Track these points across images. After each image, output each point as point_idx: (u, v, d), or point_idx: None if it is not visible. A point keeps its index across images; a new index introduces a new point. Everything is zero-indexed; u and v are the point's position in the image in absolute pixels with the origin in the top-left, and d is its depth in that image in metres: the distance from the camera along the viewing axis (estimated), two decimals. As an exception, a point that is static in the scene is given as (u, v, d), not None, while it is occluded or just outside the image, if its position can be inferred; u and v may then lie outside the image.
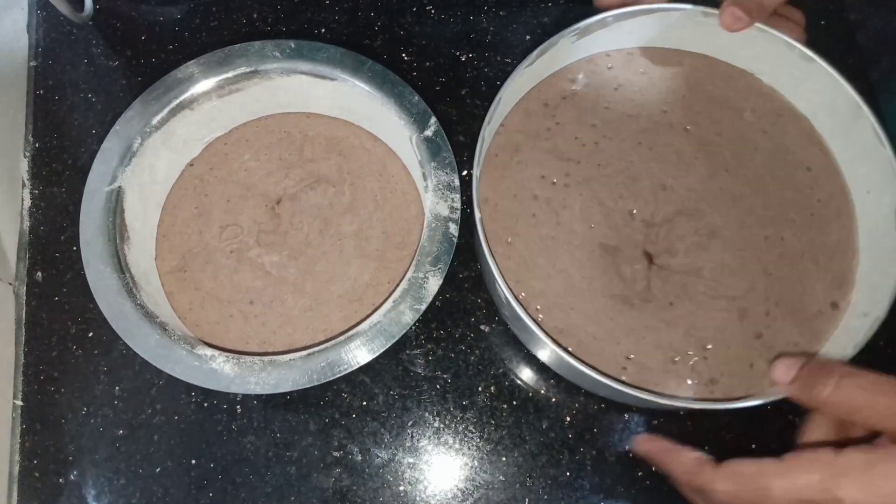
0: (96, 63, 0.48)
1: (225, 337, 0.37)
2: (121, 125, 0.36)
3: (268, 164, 0.40)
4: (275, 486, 0.40)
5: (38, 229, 0.45)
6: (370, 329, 0.34)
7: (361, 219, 0.39)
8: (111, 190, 0.36)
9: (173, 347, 0.33)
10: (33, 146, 0.47)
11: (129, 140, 0.36)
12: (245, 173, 0.40)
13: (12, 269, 0.44)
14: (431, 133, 0.36)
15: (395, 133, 0.38)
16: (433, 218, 0.35)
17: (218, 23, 0.49)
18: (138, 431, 0.41)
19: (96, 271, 0.34)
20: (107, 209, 0.35)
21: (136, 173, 0.36)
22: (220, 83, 0.38)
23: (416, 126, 0.37)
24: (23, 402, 0.42)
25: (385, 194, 0.40)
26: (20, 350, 0.43)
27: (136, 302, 0.34)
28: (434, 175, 0.36)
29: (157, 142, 0.37)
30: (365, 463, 0.41)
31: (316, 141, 0.41)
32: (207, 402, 0.41)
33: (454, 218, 0.35)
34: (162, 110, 0.37)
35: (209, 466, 0.41)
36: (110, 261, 0.34)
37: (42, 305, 0.43)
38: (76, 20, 0.48)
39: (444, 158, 0.36)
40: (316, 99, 0.40)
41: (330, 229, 0.39)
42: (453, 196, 0.35)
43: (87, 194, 0.36)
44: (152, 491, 0.40)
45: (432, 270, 0.34)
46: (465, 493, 0.40)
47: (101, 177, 0.36)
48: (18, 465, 0.41)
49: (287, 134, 0.41)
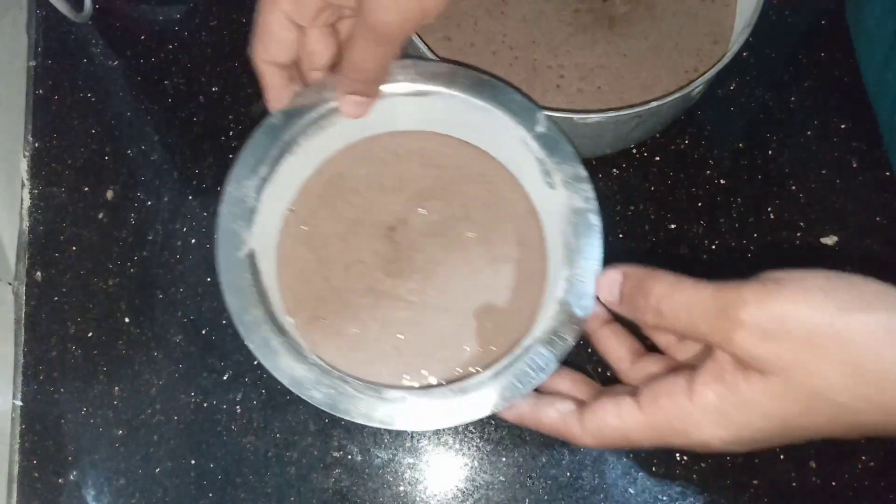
0: (96, 63, 0.48)
1: (381, 374, 0.36)
2: (233, 185, 0.35)
3: (369, 193, 0.39)
4: (274, 487, 0.40)
5: (37, 229, 0.45)
6: (545, 335, 0.33)
7: (478, 225, 0.38)
8: (245, 255, 0.34)
9: (358, 397, 0.32)
10: (32, 146, 0.47)
11: (244, 197, 0.35)
12: (349, 207, 0.39)
13: (11, 268, 0.44)
14: (544, 129, 0.36)
15: (495, 135, 0.38)
16: (571, 212, 0.34)
17: (217, 22, 0.49)
18: (138, 431, 0.41)
19: (260, 341, 0.32)
20: (247, 276, 0.34)
21: (257, 231, 0.35)
22: (313, 120, 0.36)
23: (525, 125, 0.36)
24: (22, 402, 0.42)
25: (492, 197, 0.39)
26: (19, 350, 0.43)
27: (310, 362, 0.33)
28: (559, 170, 0.35)
29: (268, 194, 0.36)
30: (365, 463, 0.41)
31: (409, 159, 0.39)
32: (207, 402, 0.41)
33: (591, 209, 0.34)
34: (270, 160, 0.36)
35: (209, 467, 0.40)
36: (269, 327, 0.33)
37: (41, 305, 0.43)
38: (75, 20, 0.48)
39: (565, 152, 0.35)
40: (402, 116, 0.39)
41: (452, 243, 0.38)
42: (584, 186, 0.35)
43: (223, 264, 0.34)
44: (152, 491, 0.40)
45: (588, 262, 0.33)
46: (465, 493, 0.40)
47: (229, 242, 0.34)
48: (18, 465, 0.41)
49: (379, 158, 0.39)
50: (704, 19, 0.43)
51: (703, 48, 0.43)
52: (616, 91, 0.42)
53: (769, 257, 0.44)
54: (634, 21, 0.43)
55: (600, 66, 0.42)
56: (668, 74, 0.42)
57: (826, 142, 0.47)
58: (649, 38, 0.43)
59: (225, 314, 0.43)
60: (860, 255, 0.44)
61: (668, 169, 0.46)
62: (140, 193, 0.46)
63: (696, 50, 0.43)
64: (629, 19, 0.43)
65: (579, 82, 0.42)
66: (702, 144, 0.47)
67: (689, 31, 0.43)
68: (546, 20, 0.43)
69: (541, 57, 0.43)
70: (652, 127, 0.43)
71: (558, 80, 0.42)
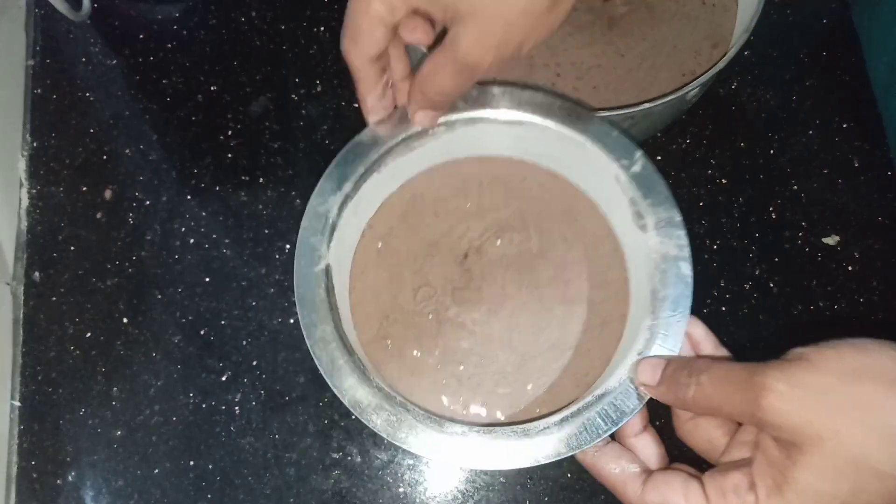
0: (94, 62, 0.48)
1: (441, 404, 0.35)
2: (317, 200, 0.35)
3: (448, 217, 0.38)
4: (273, 488, 0.40)
5: (35, 229, 0.45)
6: (622, 385, 0.31)
7: (555, 263, 0.37)
8: (321, 269, 0.34)
9: (418, 427, 0.31)
10: (31, 145, 0.47)
11: (326, 213, 0.34)
12: (427, 229, 0.38)
13: (10, 269, 0.44)
14: (640, 168, 0.34)
15: (587, 170, 0.37)
16: (661, 258, 0.33)
17: (216, 21, 0.49)
18: (136, 432, 0.41)
19: (327, 359, 0.32)
20: (321, 291, 0.33)
21: (336, 247, 0.35)
22: (405, 141, 0.36)
23: (620, 162, 0.35)
24: (20, 402, 0.42)
25: (574, 234, 0.37)
26: (18, 350, 0.42)
27: (374, 384, 0.32)
28: (653, 212, 0.34)
29: (349, 211, 0.35)
30: (364, 464, 0.40)
31: (493, 187, 0.39)
32: (206, 403, 0.41)
33: (684, 256, 0.33)
34: (356, 177, 0.35)
35: (208, 468, 0.40)
36: (336, 345, 0.32)
37: (40, 305, 0.43)
38: (74, 19, 0.48)
39: (661, 194, 0.34)
40: (490, 142, 0.38)
41: (524, 278, 0.37)
42: (678, 233, 0.33)
43: (300, 278, 0.33)
44: (150, 492, 0.40)
45: (674, 315, 0.32)
46: (465, 494, 0.40)
47: (308, 256, 0.34)
48: (16, 465, 0.41)
49: (462, 183, 0.39)
50: (704, 22, 0.43)
51: (701, 51, 0.42)
52: (612, 91, 0.42)
53: (771, 257, 0.44)
54: (633, 22, 0.43)
55: (597, 65, 0.42)
56: (665, 76, 0.42)
57: (828, 141, 0.47)
58: (648, 40, 0.43)
59: (224, 314, 0.43)
60: (862, 255, 0.44)
61: (669, 168, 0.46)
62: (138, 193, 0.45)
63: (695, 53, 0.42)
64: (628, 20, 0.43)
65: (575, 81, 0.42)
66: (703, 144, 0.46)
67: (688, 34, 0.43)
68: None
69: (538, 54, 0.42)
70: (648, 128, 0.43)
71: (554, 79, 0.42)
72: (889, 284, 0.44)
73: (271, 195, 0.46)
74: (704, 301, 0.43)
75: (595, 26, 0.43)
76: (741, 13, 0.43)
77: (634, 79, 0.42)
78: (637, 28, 0.43)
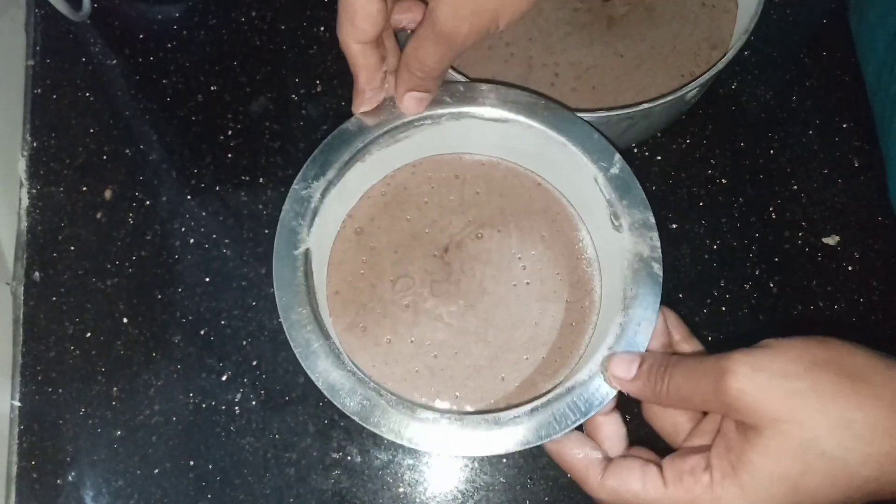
0: (94, 62, 0.48)
1: (413, 393, 0.36)
2: (300, 184, 0.35)
3: (429, 211, 0.39)
4: (273, 488, 0.40)
5: (35, 229, 0.45)
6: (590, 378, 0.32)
7: (532, 261, 0.38)
8: (301, 253, 0.34)
9: (390, 412, 0.32)
10: (31, 145, 0.47)
11: (308, 198, 0.35)
12: (408, 222, 0.39)
13: (10, 268, 0.44)
14: (618, 171, 0.35)
15: (567, 170, 0.37)
16: (635, 258, 0.34)
17: (216, 21, 0.49)
18: (136, 432, 0.41)
19: (303, 341, 0.33)
20: (299, 274, 0.34)
21: (316, 233, 0.35)
22: (390, 132, 0.36)
23: (599, 164, 0.36)
24: (20, 402, 0.42)
25: (552, 234, 0.38)
26: (17, 350, 0.42)
27: (347, 369, 0.32)
28: (628, 213, 0.35)
29: (332, 198, 0.36)
30: (364, 464, 0.40)
31: (475, 183, 0.39)
32: (206, 403, 0.41)
33: (656, 257, 0.34)
34: (340, 164, 0.36)
35: (208, 468, 0.40)
36: (312, 328, 0.33)
37: (40, 305, 0.43)
38: (74, 19, 0.48)
39: (637, 196, 0.35)
40: (475, 139, 0.39)
41: (502, 274, 0.38)
42: (651, 234, 0.34)
43: (279, 259, 0.34)
44: (150, 492, 0.40)
45: (645, 313, 0.33)
46: (465, 494, 0.40)
47: (288, 238, 0.34)
48: (16, 465, 0.41)
49: (444, 178, 0.39)
50: (704, 24, 0.43)
51: (700, 52, 0.42)
52: (611, 92, 0.42)
53: (771, 257, 0.44)
54: (633, 22, 0.43)
55: (596, 65, 0.42)
56: (664, 77, 0.42)
57: (828, 141, 0.47)
58: (647, 40, 0.43)
59: (224, 314, 0.43)
60: (862, 255, 0.44)
61: (669, 168, 0.46)
62: (138, 193, 0.45)
63: (694, 54, 0.42)
64: (628, 20, 0.43)
65: (574, 81, 0.42)
66: (703, 144, 0.46)
67: (687, 35, 0.43)
68: (544, 18, 0.43)
69: (537, 54, 0.42)
70: (646, 129, 0.43)
71: (553, 79, 0.42)
72: (889, 284, 0.44)
73: (271, 195, 0.46)
74: (704, 301, 0.43)
75: (594, 26, 0.43)
76: (741, 15, 0.43)
77: (633, 79, 0.42)
78: (636, 29, 0.43)
